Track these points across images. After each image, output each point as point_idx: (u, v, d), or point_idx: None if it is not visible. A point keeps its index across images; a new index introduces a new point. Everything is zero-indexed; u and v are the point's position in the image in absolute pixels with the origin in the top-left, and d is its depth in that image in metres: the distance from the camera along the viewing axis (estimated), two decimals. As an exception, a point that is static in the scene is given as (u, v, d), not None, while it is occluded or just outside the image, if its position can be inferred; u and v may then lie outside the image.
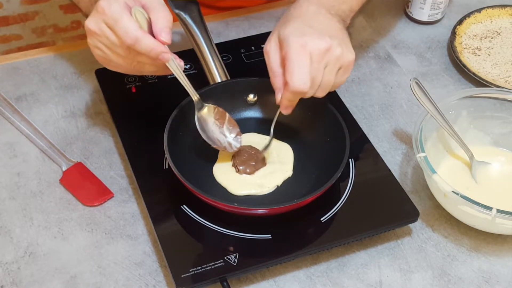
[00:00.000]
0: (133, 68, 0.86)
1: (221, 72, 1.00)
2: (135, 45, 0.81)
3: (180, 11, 1.04)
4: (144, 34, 0.81)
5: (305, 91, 0.83)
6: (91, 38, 0.85)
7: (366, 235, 0.87)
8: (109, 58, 0.85)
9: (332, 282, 0.86)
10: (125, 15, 0.81)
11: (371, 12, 1.26)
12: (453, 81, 1.14)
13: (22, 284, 0.84)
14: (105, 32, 0.82)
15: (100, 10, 0.82)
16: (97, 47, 0.85)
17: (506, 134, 0.99)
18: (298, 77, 0.82)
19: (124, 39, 0.81)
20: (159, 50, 0.82)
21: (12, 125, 1.02)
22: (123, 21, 0.80)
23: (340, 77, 0.87)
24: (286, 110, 0.88)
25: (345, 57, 0.85)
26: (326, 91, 0.87)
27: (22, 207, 0.92)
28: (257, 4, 1.26)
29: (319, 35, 0.84)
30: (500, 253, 0.90)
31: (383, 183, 0.93)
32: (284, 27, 0.86)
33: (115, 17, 0.81)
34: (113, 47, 0.83)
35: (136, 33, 0.81)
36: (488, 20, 1.23)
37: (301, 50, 0.82)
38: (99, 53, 0.86)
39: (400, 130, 1.05)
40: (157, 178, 0.92)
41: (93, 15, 0.83)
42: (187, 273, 0.81)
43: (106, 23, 0.82)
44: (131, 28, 0.80)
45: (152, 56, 0.82)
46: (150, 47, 0.82)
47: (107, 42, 0.83)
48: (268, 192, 0.91)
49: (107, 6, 0.81)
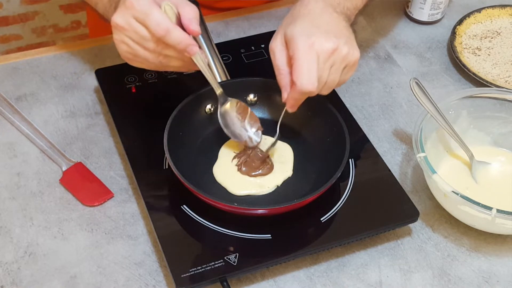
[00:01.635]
0: (159, 62, 0.87)
1: (221, 72, 1.00)
2: (166, 37, 0.82)
3: (180, 11, 1.04)
4: (174, 26, 0.83)
5: (313, 91, 0.83)
6: (118, 33, 0.85)
7: (366, 235, 0.87)
8: (136, 53, 0.86)
9: (332, 282, 0.86)
10: (155, 9, 0.82)
11: (371, 12, 1.26)
12: (453, 81, 1.14)
13: (22, 284, 0.84)
14: (134, 27, 0.83)
15: (128, 5, 0.82)
16: (124, 42, 0.85)
17: (506, 134, 0.99)
18: (306, 78, 0.82)
19: (156, 31, 0.82)
20: (187, 42, 0.83)
21: (12, 125, 1.02)
22: (154, 14, 0.82)
23: (345, 75, 0.88)
24: (292, 109, 0.89)
25: (351, 56, 0.86)
26: (331, 89, 0.88)
27: (22, 207, 0.92)
28: (257, 4, 1.26)
29: (326, 35, 0.84)
30: (500, 253, 0.91)
31: (383, 183, 0.93)
32: (291, 26, 0.86)
33: (146, 11, 0.82)
34: (142, 41, 0.84)
35: (168, 25, 0.82)
36: (488, 20, 1.23)
37: (309, 50, 0.83)
38: (126, 49, 0.86)
39: (400, 130, 1.05)
40: (157, 178, 0.92)
41: (120, 10, 0.84)
42: (187, 273, 0.81)
43: (136, 18, 0.83)
44: (162, 20, 0.82)
45: (181, 48, 0.84)
46: (179, 39, 0.83)
47: (136, 36, 0.84)
48: (268, 192, 0.91)
49: (136, 1, 0.82)
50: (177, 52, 0.85)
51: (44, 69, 1.11)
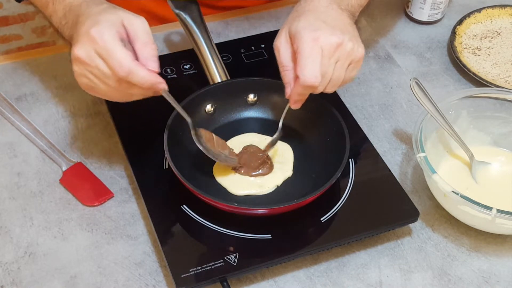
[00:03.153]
0: (121, 97, 0.84)
1: (221, 72, 1.00)
2: (129, 77, 0.78)
3: (180, 11, 1.04)
4: (137, 65, 0.78)
5: (316, 85, 0.82)
6: (78, 66, 0.80)
7: (366, 235, 0.87)
8: (95, 86, 0.82)
9: (332, 282, 0.86)
10: (118, 46, 0.78)
11: (371, 12, 1.26)
12: (453, 81, 1.14)
13: (22, 284, 0.84)
14: (96, 62, 0.79)
15: (91, 39, 0.78)
16: (84, 75, 0.81)
17: (506, 134, 0.99)
18: (309, 71, 0.81)
19: (117, 71, 0.78)
20: (153, 81, 0.80)
21: (12, 125, 1.02)
22: (116, 53, 0.77)
23: (350, 73, 0.87)
24: (296, 105, 0.88)
25: (355, 52, 0.85)
26: (336, 87, 0.87)
27: (22, 207, 0.92)
28: (257, 4, 1.26)
29: (331, 30, 0.83)
30: (500, 253, 0.91)
31: (383, 183, 0.93)
32: (295, 21, 0.85)
33: (108, 48, 0.77)
34: (104, 77, 0.80)
35: (130, 65, 0.77)
36: (488, 20, 1.23)
37: (313, 44, 0.82)
38: (85, 81, 0.82)
39: (400, 130, 1.05)
40: (157, 178, 0.92)
41: (82, 42, 0.79)
42: (187, 273, 0.81)
43: (98, 53, 0.78)
44: (124, 60, 0.77)
45: (145, 87, 0.80)
46: (144, 79, 0.79)
47: (97, 72, 0.79)
48: (268, 192, 0.92)
49: (99, 35, 0.78)
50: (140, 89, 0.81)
51: (44, 69, 1.11)
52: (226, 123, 0.99)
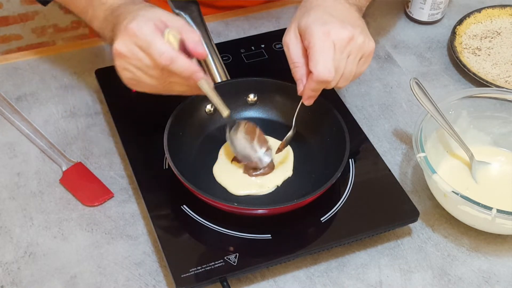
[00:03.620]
0: (163, 88, 0.85)
1: (221, 72, 1.00)
2: (170, 66, 0.80)
3: (180, 11, 1.04)
4: (178, 54, 0.80)
5: (330, 79, 0.82)
6: (120, 60, 0.83)
7: (366, 235, 0.87)
8: (140, 80, 0.84)
9: (332, 282, 0.86)
10: (158, 37, 0.80)
11: (371, 12, 1.26)
12: (453, 81, 1.14)
13: (22, 284, 0.84)
14: (137, 55, 0.81)
15: (130, 33, 0.80)
16: (127, 69, 0.83)
17: (506, 134, 0.99)
18: (323, 65, 0.81)
19: (159, 60, 0.79)
20: (192, 70, 0.81)
21: (12, 125, 1.02)
22: (157, 43, 0.79)
23: (361, 67, 0.87)
24: (309, 101, 0.87)
25: (367, 45, 0.85)
26: (348, 81, 0.86)
27: (22, 207, 0.92)
28: (257, 4, 1.26)
29: (342, 24, 0.83)
30: (500, 253, 0.91)
31: (383, 183, 0.93)
32: (305, 17, 0.85)
33: (148, 40, 0.79)
34: (146, 68, 0.82)
35: (171, 54, 0.79)
36: (488, 20, 1.23)
37: (325, 38, 0.81)
38: (129, 75, 0.84)
39: (400, 130, 1.05)
40: (157, 178, 0.92)
41: (122, 37, 0.81)
42: (187, 273, 0.81)
43: (138, 46, 0.80)
44: (165, 49, 0.79)
45: (185, 75, 0.81)
46: (184, 67, 0.80)
47: (140, 64, 0.81)
48: (268, 192, 0.92)
49: (138, 28, 0.80)
50: (182, 79, 0.83)
51: (44, 69, 1.11)
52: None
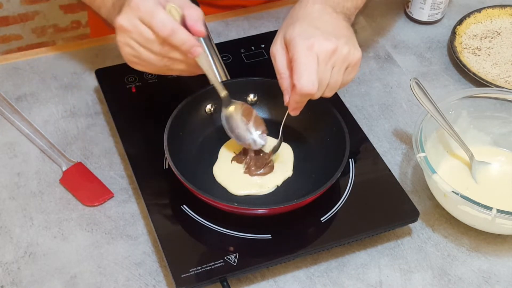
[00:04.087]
0: (163, 65, 0.86)
1: (221, 72, 1.00)
2: (171, 37, 0.82)
3: (180, 11, 1.04)
4: (179, 27, 0.82)
5: (313, 93, 0.83)
6: (122, 35, 0.84)
7: (366, 235, 0.87)
8: (140, 56, 0.85)
9: (332, 282, 0.86)
10: (160, 9, 0.82)
11: (371, 12, 1.26)
12: (453, 81, 1.14)
13: (22, 284, 0.84)
14: (139, 28, 0.82)
15: (133, 6, 0.82)
16: (128, 44, 0.84)
17: (506, 134, 0.99)
18: (306, 79, 0.82)
19: (161, 31, 0.81)
20: (192, 43, 0.83)
21: (12, 125, 1.02)
22: (159, 14, 0.81)
23: (347, 76, 0.87)
24: (294, 112, 0.88)
25: (352, 55, 0.85)
26: (334, 90, 0.87)
27: (22, 207, 0.92)
28: (257, 4, 1.26)
29: (326, 36, 0.84)
30: (500, 253, 0.91)
31: (383, 183, 0.93)
32: (290, 29, 0.85)
33: (151, 12, 0.81)
34: (147, 42, 0.83)
35: (173, 25, 0.81)
36: (488, 20, 1.23)
37: (308, 52, 0.82)
38: (130, 51, 0.85)
39: (400, 130, 1.05)
40: (157, 178, 0.92)
41: (125, 11, 0.83)
42: (187, 273, 0.81)
43: (141, 19, 0.82)
44: (167, 21, 0.81)
45: (185, 49, 0.83)
46: (184, 39, 0.82)
47: (141, 38, 0.83)
48: (268, 192, 0.92)
49: (141, 2, 0.81)
50: (182, 53, 0.84)
51: (44, 69, 1.11)
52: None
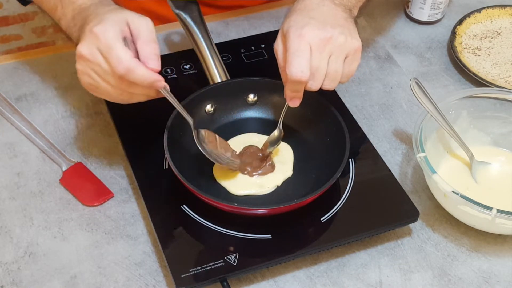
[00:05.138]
0: (121, 98, 0.84)
1: (221, 72, 1.00)
2: (128, 75, 0.78)
3: (180, 11, 1.04)
4: (137, 63, 0.78)
5: (304, 79, 0.82)
6: (81, 63, 0.81)
7: (366, 235, 0.87)
8: (98, 86, 0.82)
9: (332, 282, 0.86)
10: (119, 43, 0.78)
11: (371, 12, 1.26)
12: (453, 81, 1.14)
13: (22, 284, 0.84)
14: (97, 59, 0.79)
15: (94, 36, 0.79)
16: (87, 73, 0.81)
17: (506, 134, 0.99)
18: (295, 66, 0.81)
19: (116, 68, 0.78)
20: (152, 79, 0.80)
21: (12, 125, 1.02)
22: (116, 49, 0.78)
23: (349, 66, 0.86)
24: (292, 102, 0.88)
25: (349, 44, 0.84)
26: (336, 82, 0.86)
27: (22, 207, 0.92)
28: (257, 4, 1.26)
29: (320, 26, 0.83)
30: (500, 253, 0.91)
31: (383, 183, 0.93)
32: (286, 21, 0.86)
33: (109, 45, 0.78)
34: (104, 75, 0.80)
35: (129, 63, 0.78)
36: (488, 20, 1.23)
37: (299, 40, 0.82)
38: (87, 80, 0.82)
39: (400, 130, 1.05)
40: (157, 178, 0.92)
41: (86, 39, 0.80)
42: (187, 273, 0.81)
43: (100, 50, 0.79)
44: (124, 57, 0.78)
45: (146, 85, 0.80)
46: (143, 77, 0.79)
47: (99, 69, 0.80)
48: (268, 192, 0.92)
49: (102, 32, 0.78)
50: (142, 88, 0.82)
51: (44, 69, 1.11)
52: (226, 123, 1.00)
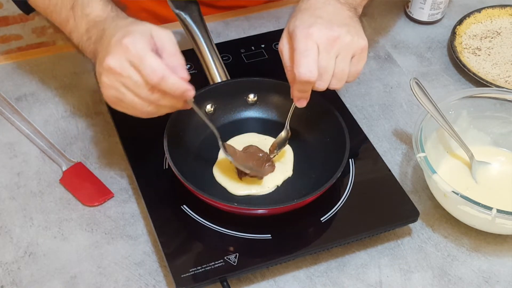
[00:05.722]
0: (148, 110, 0.82)
1: (221, 72, 1.00)
2: (161, 84, 0.77)
3: (180, 11, 1.04)
4: (170, 72, 0.78)
5: (312, 80, 0.82)
6: (109, 77, 0.79)
7: (366, 235, 0.87)
8: (124, 99, 0.80)
9: (332, 282, 0.86)
10: (151, 53, 0.77)
11: (371, 12, 1.26)
12: (453, 81, 1.14)
13: (22, 284, 0.84)
14: (128, 71, 0.78)
15: (124, 48, 0.77)
16: (114, 87, 0.80)
17: (506, 134, 0.99)
18: (304, 66, 0.81)
19: (151, 77, 0.77)
20: (184, 88, 0.79)
21: (12, 125, 1.02)
22: (149, 59, 0.77)
23: (355, 66, 0.86)
24: (300, 103, 0.87)
25: (356, 44, 0.84)
26: (342, 81, 0.85)
27: (22, 207, 0.92)
28: (257, 4, 1.26)
29: (327, 25, 0.83)
30: (500, 253, 0.91)
31: (383, 183, 0.93)
32: (292, 21, 0.85)
33: (141, 55, 0.77)
34: (135, 87, 0.79)
35: (163, 72, 0.77)
36: (488, 20, 1.23)
37: (307, 40, 0.81)
38: (113, 93, 0.80)
39: (400, 130, 1.05)
40: (157, 178, 0.92)
41: (114, 52, 0.78)
42: (187, 273, 0.81)
43: (130, 62, 0.77)
44: (157, 66, 0.77)
45: (178, 94, 0.79)
46: (176, 85, 0.78)
47: (129, 82, 0.78)
48: (268, 192, 0.92)
49: (132, 44, 0.77)
50: (172, 99, 0.81)
51: (44, 69, 1.11)
52: (226, 123, 1.00)
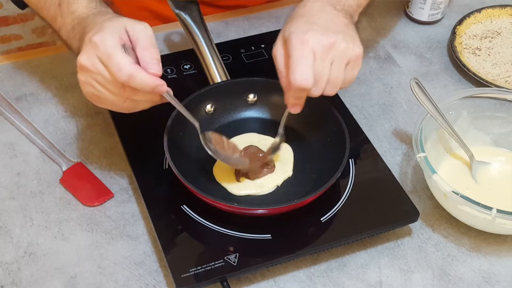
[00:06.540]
0: (125, 106, 0.83)
1: (221, 72, 1.00)
2: (129, 81, 0.78)
3: (180, 11, 1.04)
4: (137, 69, 0.78)
5: (308, 87, 0.81)
6: (82, 73, 0.81)
7: (366, 235, 0.87)
8: (100, 95, 0.82)
9: (332, 282, 0.86)
10: (118, 51, 0.78)
11: (371, 12, 1.26)
12: (453, 81, 1.14)
13: (22, 284, 0.84)
14: (98, 68, 0.79)
15: (93, 45, 0.78)
16: (89, 83, 0.81)
17: (506, 134, 0.99)
18: (299, 73, 0.81)
19: (118, 75, 0.77)
20: (154, 84, 0.79)
21: (12, 125, 1.02)
22: (116, 57, 0.77)
23: (350, 73, 0.86)
24: (294, 109, 0.87)
25: (351, 51, 0.84)
26: (336, 88, 0.85)
27: (22, 207, 0.92)
28: (257, 4, 1.26)
29: (322, 31, 0.83)
30: (500, 253, 0.91)
31: (383, 183, 0.93)
32: (287, 27, 0.85)
33: (108, 53, 0.77)
34: (106, 83, 0.80)
35: (130, 69, 0.77)
36: (488, 20, 1.23)
37: (302, 46, 0.81)
38: (90, 90, 0.82)
39: (400, 130, 1.05)
40: (157, 178, 0.92)
41: (85, 49, 0.79)
42: (187, 273, 0.81)
43: (100, 59, 0.78)
44: (124, 64, 0.77)
45: (148, 90, 0.80)
46: (145, 82, 0.78)
47: (100, 78, 0.79)
48: (268, 192, 0.92)
49: (101, 40, 0.78)
50: (145, 94, 0.81)
51: (44, 69, 1.11)
52: (226, 123, 1.00)
